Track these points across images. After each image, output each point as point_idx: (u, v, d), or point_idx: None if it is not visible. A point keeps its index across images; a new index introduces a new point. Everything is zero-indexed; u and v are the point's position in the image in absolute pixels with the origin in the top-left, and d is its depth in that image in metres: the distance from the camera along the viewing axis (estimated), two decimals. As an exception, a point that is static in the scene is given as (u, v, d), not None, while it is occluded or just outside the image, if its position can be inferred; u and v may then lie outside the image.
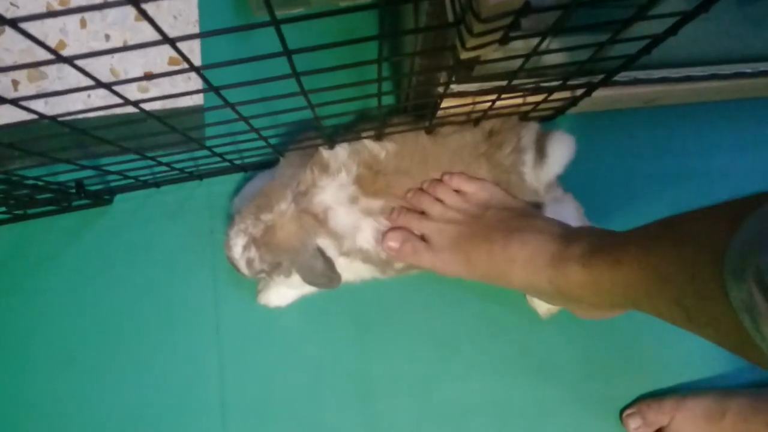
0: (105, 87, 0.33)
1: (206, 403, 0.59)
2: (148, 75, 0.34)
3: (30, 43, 0.66)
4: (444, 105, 0.53)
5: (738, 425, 0.54)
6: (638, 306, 0.41)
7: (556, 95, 0.53)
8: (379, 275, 0.58)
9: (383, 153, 0.55)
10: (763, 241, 0.27)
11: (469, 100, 0.53)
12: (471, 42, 0.34)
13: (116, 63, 0.67)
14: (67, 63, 0.29)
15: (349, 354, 0.61)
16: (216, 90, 0.36)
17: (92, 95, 0.65)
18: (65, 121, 0.37)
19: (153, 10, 0.68)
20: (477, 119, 0.56)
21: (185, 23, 0.68)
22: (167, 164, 0.55)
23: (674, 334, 0.61)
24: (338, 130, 0.61)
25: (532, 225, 0.50)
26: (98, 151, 0.63)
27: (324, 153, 0.55)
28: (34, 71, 0.66)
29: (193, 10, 0.68)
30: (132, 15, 0.68)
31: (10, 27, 0.25)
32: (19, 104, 0.33)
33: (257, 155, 0.58)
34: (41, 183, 0.51)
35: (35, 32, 0.27)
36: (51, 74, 0.66)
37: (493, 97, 0.51)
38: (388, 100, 0.65)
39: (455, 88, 0.53)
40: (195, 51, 0.67)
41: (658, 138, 0.67)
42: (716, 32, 0.55)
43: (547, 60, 0.51)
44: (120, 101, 0.35)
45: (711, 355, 0.61)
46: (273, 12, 0.28)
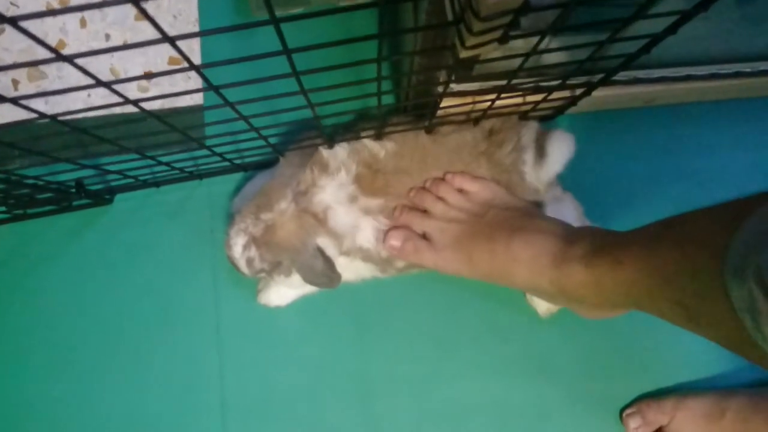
0: (105, 86, 0.33)
1: (206, 403, 0.59)
2: (148, 76, 0.34)
3: (30, 43, 0.67)
4: (444, 104, 0.53)
5: (738, 425, 0.54)
6: (640, 306, 0.41)
7: (556, 95, 0.53)
8: (380, 274, 0.58)
9: (382, 152, 0.55)
10: (764, 241, 0.27)
11: (469, 100, 0.54)
12: (470, 41, 0.34)
13: (116, 63, 0.67)
14: (67, 61, 0.29)
15: (349, 354, 0.61)
16: (216, 89, 0.36)
17: (92, 95, 0.65)
18: (65, 120, 0.37)
19: (153, 10, 0.68)
20: (477, 119, 0.57)
21: (185, 23, 0.68)
22: (167, 164, 0.55)
23: (674, 334, 0.62)
24: (338, 130, 0.61)
25: (535, 225, 0.50)
26: (98, 151, 0.63)
27: (324, 152, 0.55)
28: (34, 71, 0.66)
29: (193, 10, 0.69)
30: (132, 15, 0.68)
31: (10, 25, 0.25)
32: (19, 103, 0.33)
33: (257, 155, 0.58)
34: (41, 182, 0.51)
35: (35, 32, 0.27)
36: (51, 74, 0.66)
37: (493, 97, 0.51)
38: (388, 100, 0.65)
39: (455, 88, 0.53)
40: (195, 51, 0.67)
41: (658, 138, 0.67)
42: (716, 31, 0.55)
43: (547, 59, 0.51)
44: (120, 100, 0.35)
45: (711, 355, 0.61)
46: (272, 10, 0.28)
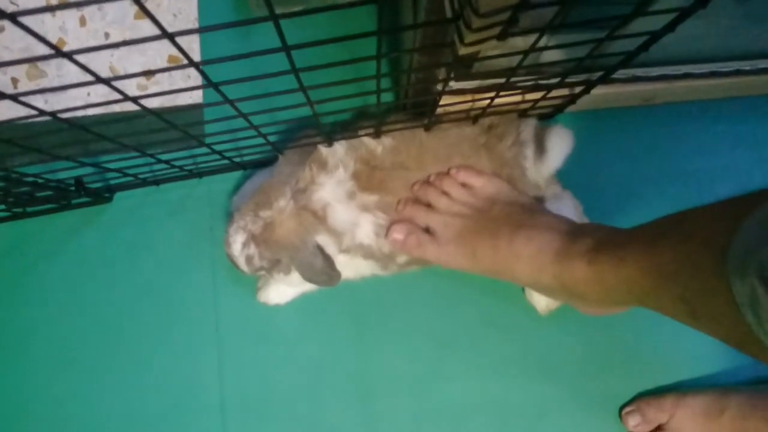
0: (104, 82, 0.33)
1: (206, 401, 0.59)
2: (148, 72, 0.34)
3: (29, 42, 0.67)
4: (443, 102, 0.53)
5: (737, 422, 0.54)
6: (642, 302, 0.41)
7: (555, 93, 0.53)
8: (381, 271, 0.58)
9: (380, 148, 0.55)
10: (766, 237, 0.27)
11: (468, 98, 0.54)
12: (469, 37, 0.34)
13: (116, 61, 0.67)
14: (66, 58, 0.29)
15: (349, 352, 0.61)
16: (215, 86, 0.36)
17: (92, 93, 0.65)
18: (64, 118, 0.37)
19: (153, 9, 0.68)
20: (476, 117, 0.57)
21: (185, 22, 0.68)
22: (167, 162, 0.55)
23: (673, 333, 0.62)
24: (337, 128, 0.61)
25: (538, 221, 0.50)
26: (98, 149, 0.63)
27: (322, 150, 0.55)
28: (34, 70, 0.66)
29: (193, 9, 0.69)
30: (131, 13, 0.68)
31: (10, 21, 0.25)
32: (19, 100, 0.33)
33: (256, 153, 0.58)
34: (41, 180, 0.51)
35: (35, 31, 0.27)
36: (51, 72, 0.66)
37: (492, 95, 0.51)
38: (387, 98, 0.66)
39: (454, 86, 0.53)
40: (195, 50, 0.67)
41: (658, 136, 0.67)
42: (715, 29, 0.55)
43: (546, 57, 0.51)
44: (119, 97, 0.35)
45: (710, 353, 0.61)
46: (272, 7, 0.28)
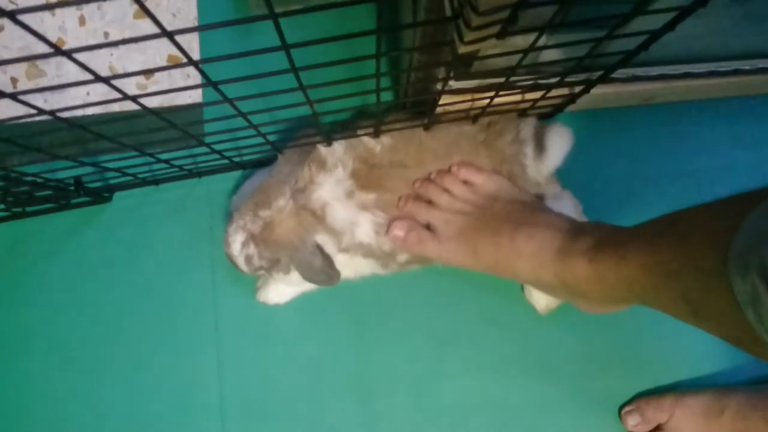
0: (103, 81, 0.33)
1: (205, 400, 0.59)
2: (147, 71, 0.34)
3: (29, 41, 0.67)
4: (443, 102, 0.53)
5: (736, 422, 0.54)
6: (643, 301, 0.41)
7: (555, 92, 0.53)
8: (380, 270, 0.58)
9: (378, 147, 0.55)
10: (767, 235, 0.27)
11: (468, 97, 0.54)
12: (469, 36, 0.34)
13: (115, 61, 0.67)
14: (65, 56, 0.29)
15: (348, 352, 0.61)
16: (214, 84, 0.36)
17: (91, 93, 0.65)
18: (64, 117, 0.37)
19: (152, 8, 0.68)
20: (476, 116, 0.57)
21: (184, 21, 0.68)
22: (166, 161, 0.55)
23: (673, 332, 0.62)
24: (336, 127, 0.61)
25: (540, 219, 0.51)
26: (97, 148, 0.63)
27: (321, 149, 0.55)
28: (33, 69, 0.66)
29: (192, 8, 0.69)
30: (131, 13, 0.68)
31: (9, 19, 0.25)
32: (18, 99, 0.33)
33: (256, 152, 0.58)
34: (40, 180, 0.51)
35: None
36: (50, 72, 0.66)
37: (492, 94, 0.51)
38: (387, 97, 0.65)
39: (453, 85, 0.53)
40: (194, 49, 0.67)
41: (657, 136, 0.67)
42: (715, 29, 0.55)
43: (545, 56, 0.51)
44: (119, 95, 0.35)
45: (710, 353, 0.61)
46: (271, 5, 0.28)
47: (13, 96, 0.33)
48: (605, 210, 0.63)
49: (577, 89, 0.55)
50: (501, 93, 0.51)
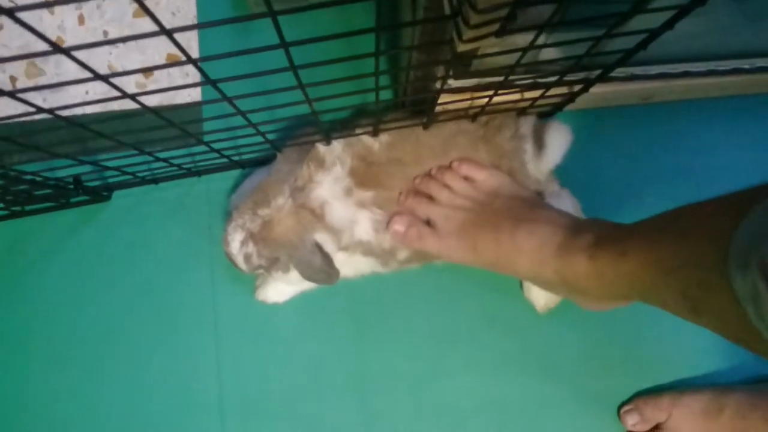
0: (102, 79, 0.33)
1: (204, 399, 0.59)
2: (146, 69, 0.34)
3: (28, 40, 0.67)
4: (442, 101, 0.53)
5: (736, 422, 0.54)
6: (643, 298, 0.41)
7: (554, 91, 0.53)
8: (380, 268, 0.58)
9: (377, 145, 0.55)
10: (767, 232, 0.27)
11: (467, 96, 0.54)
12: (468, 34, 0.34)
13: (114, 60, 0.67)
14: (64, 54, 0.29)
15: (348, 350, 0.61)
16: (213, 83, 0.36)
17: (90, 91, 0.65)
18: (63, 116, 0.37)
19: (151, 7, 0.68)
20: (475, 115, 0.57)
21: (183, 20, 0.68)
22: (165, 160, 0.55)
23: (672, 331, 0.62)
24: (335, 126, 0.61)
25: (540, 215, 0.51)
26: (96, 147, 0.63)
27: (320, 148, 0.55)
28: (32, 68, 0.66)
29: (192, 8, 0.69)
30: (130, 12, 0.68)
31: (8, 17, 0.25)
32: (17, 97, 0.33)
33: (255, 151, 0.58)
34: (39, 178, 0.51)
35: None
36: (49, 71, 0.66)
37: (491, 93, 0.51)
38: (386, 95, 0.65)
39: (453, 84, 0.53)
40: (193, 48, 0.67)
41: (656, 135, 0.67)
42: (714, 28, 0.55)
43: (544, 55, 0.51)
44: (118, 94, 0.35)
45: (709, 352, 0.61)
46: (270, 2, 0.28)
47: (12, 94, 0.33)
48: (604, 209, 0.62)
49: (576, 88, 0.55)
50: (500, 92, 0.51)
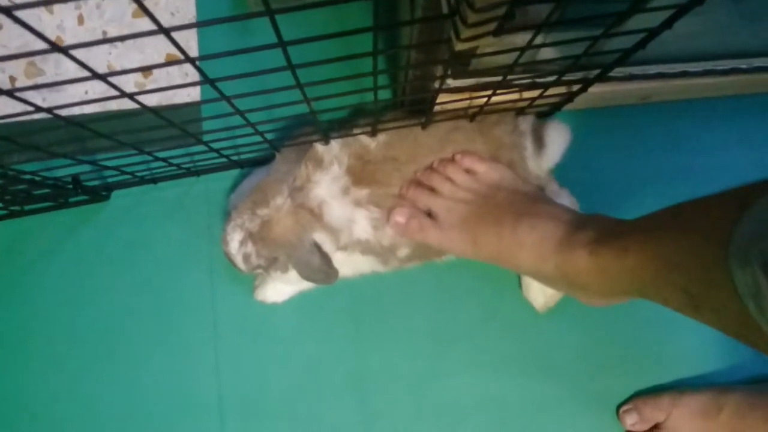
0: (101, 78, 0.33)
1: (203, 399, 0.59)
2: (145, 68, 0.34)
3: (27, 40, 0.67)
4: (440, 100, 0.53)
5: (735, 421, 0.54)
6: (644, 294, 0.41)
7: (552, 91, 0.53)
8: (380, 267, 0.58)
9: (374, 144, 0.55)
10: None
11: (466, 96, 0.54)
12: (465, 33, 0.34)
13: (113, 60, 0.67)
14: (63, 53, 0.29)
15: (347, 350, 0.61)
16: (211, 82, 0.36)
17: (89, 91, 0.65)
18: (62, 116, 0.37)
19: (151, 7, 0.68)
20: (473, 114, 0.57)
21: (183, 20, 0.68)
22: (164, 159, 0.55)
23: (671, 330, 0.62)
24: (334, 125, 0.61)
25: (542, 210, 0.51)
26: (95, 147, 0.63)
27: (318, 148, 0.55)
28: (32, 67, 0.66)
29: (191, 7, 0.69)
30: (129, 12, 0.68)
31: (7, 16, 0.25)
32: (16, 96, 0.33)
33: (254, 151, 0.58)
34: (38, 178, 0.51)
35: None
36: (48, 71, 0.66)
37: (489, 93, 0.51)
38: (385, 95, 0.66)
39: (451, 84, 0.53)
40: (192, 48, 0.67)
41: (655, 135, 0.67)
42: (712, 28, 0.56)
43: (542, 55, 0.51)
44: (117, 93, 0.35)
45: (708, 352, 0.61)
46: (268, 2, 0.28)
47: (11, 93, 0.33)
48: (603, 208, 0.62)
49: (575, 88, 0.55)
50: (499, 91, 0.51)
